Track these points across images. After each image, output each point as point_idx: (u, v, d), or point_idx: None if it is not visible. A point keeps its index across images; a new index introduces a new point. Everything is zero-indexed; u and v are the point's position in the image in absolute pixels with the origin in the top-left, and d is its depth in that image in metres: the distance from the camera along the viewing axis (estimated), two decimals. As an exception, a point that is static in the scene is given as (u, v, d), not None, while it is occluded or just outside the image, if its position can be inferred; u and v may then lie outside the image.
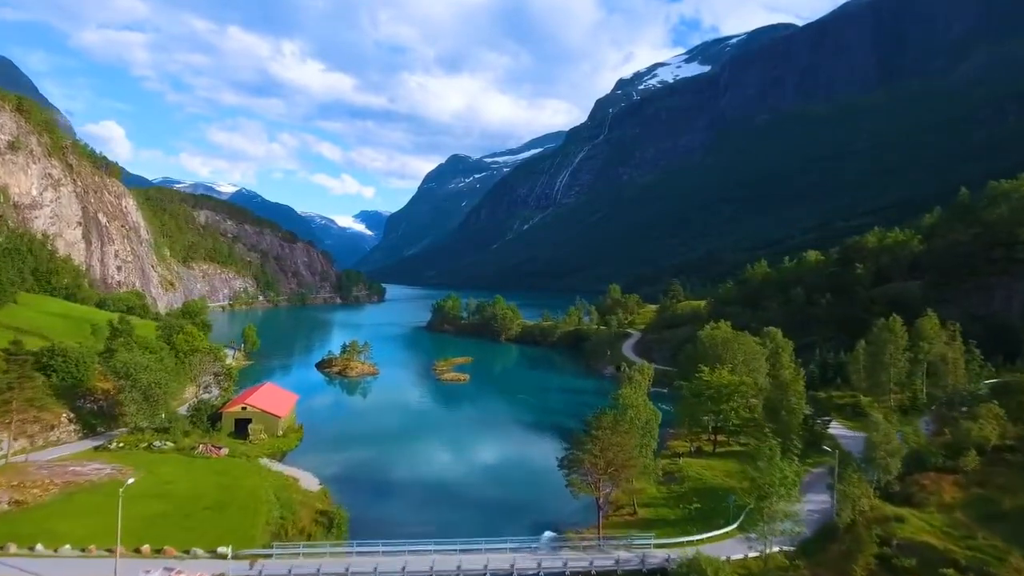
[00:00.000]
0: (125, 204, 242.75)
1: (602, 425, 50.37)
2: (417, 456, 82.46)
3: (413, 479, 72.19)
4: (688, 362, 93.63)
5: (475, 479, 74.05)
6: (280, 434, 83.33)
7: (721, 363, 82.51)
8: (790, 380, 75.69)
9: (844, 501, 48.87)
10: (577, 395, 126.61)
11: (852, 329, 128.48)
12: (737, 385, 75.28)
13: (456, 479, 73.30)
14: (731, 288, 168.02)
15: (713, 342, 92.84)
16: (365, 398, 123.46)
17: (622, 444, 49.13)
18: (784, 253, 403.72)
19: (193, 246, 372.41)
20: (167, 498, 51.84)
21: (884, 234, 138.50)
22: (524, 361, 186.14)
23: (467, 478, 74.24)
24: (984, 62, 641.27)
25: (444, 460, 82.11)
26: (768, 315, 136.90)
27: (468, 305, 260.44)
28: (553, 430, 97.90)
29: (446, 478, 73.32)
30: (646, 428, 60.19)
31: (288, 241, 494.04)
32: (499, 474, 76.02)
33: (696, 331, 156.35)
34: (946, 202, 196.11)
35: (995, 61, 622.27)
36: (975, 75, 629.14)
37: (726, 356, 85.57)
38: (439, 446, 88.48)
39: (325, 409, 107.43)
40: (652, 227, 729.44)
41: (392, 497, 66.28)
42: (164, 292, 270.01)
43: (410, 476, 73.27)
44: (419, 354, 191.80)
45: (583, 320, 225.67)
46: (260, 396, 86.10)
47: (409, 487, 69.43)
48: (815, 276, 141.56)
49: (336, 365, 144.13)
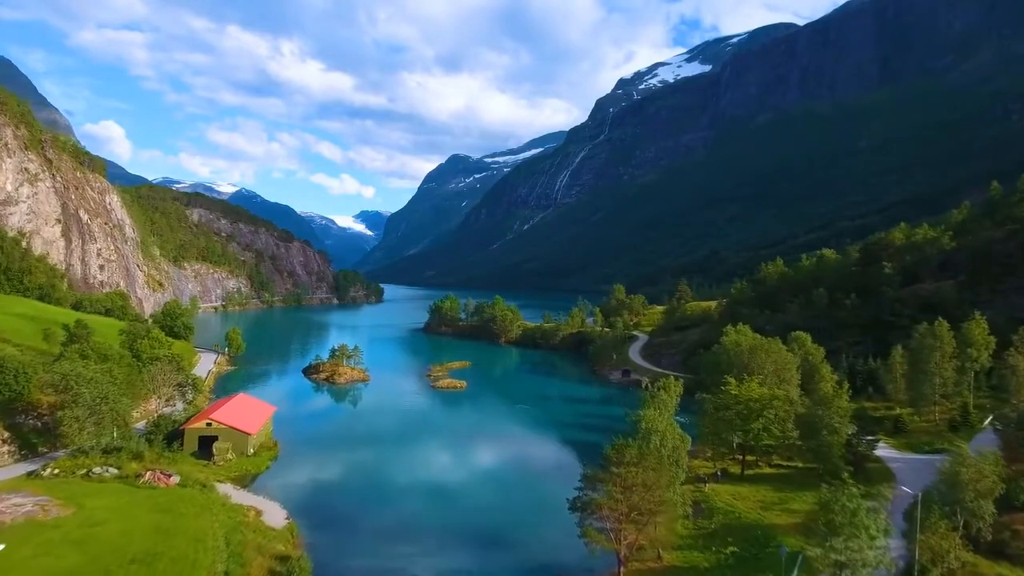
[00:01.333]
0: (109, 201, 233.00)
1: (625, 460, 40.57)
2: (404, 479, 72.69)
3: (398, 509, 62.44)
4: (710, 371, 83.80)
5: (470, 508, 64.27)
6: (251, 453, 73.73)
7: (749, 373, 72.77)
8: (831, 395, 66.02)
9: (922, 552, 39.33)
10: (583, 405, 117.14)
11: (879, 333, 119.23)
12: (769, 400, 65.56)
13: (448, 507, 63.61)
14: (744, 288, 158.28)
15: (738, 350, 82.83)
16: (352, 409, 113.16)
17: (650, 483, 39.38)
18: (789, 252, 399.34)
19: (185, 245, 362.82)
20: (87, 546, 42.13)
21: (911, 231, 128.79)
22: (525, 365, 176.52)
23: (461, 506, 64.50)
24: (989, 60, 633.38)
25: (434, 484, 72.38)
26: (787, 318, 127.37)
27: (467, 306, 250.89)
28: (560, 449, 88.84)
29: (436, 507, 63.62)
30: (673, 457, 50.38)
31: (284, 240, 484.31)
32: (499, 504, 66.15)
33: (709, 334, 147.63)
34: (954, 201, 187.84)
35: (1000, 60, 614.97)
36: (979, 74, 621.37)
37: (753, 365, 75.74)
38: (429, 467, 78.64)
39: (306, 421, 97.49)
40: (653, 227, 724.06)
41: (372, 533, 56.54)
42: (152, 292, 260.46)
43: (395, 506, 63.50)
44: (414, 358, 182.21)
45: (586, 322, 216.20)
46: (228, 410, 76.44)
47: (393, 520, 59.65)
48: (837, 276, 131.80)
49: (323, 371, 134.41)
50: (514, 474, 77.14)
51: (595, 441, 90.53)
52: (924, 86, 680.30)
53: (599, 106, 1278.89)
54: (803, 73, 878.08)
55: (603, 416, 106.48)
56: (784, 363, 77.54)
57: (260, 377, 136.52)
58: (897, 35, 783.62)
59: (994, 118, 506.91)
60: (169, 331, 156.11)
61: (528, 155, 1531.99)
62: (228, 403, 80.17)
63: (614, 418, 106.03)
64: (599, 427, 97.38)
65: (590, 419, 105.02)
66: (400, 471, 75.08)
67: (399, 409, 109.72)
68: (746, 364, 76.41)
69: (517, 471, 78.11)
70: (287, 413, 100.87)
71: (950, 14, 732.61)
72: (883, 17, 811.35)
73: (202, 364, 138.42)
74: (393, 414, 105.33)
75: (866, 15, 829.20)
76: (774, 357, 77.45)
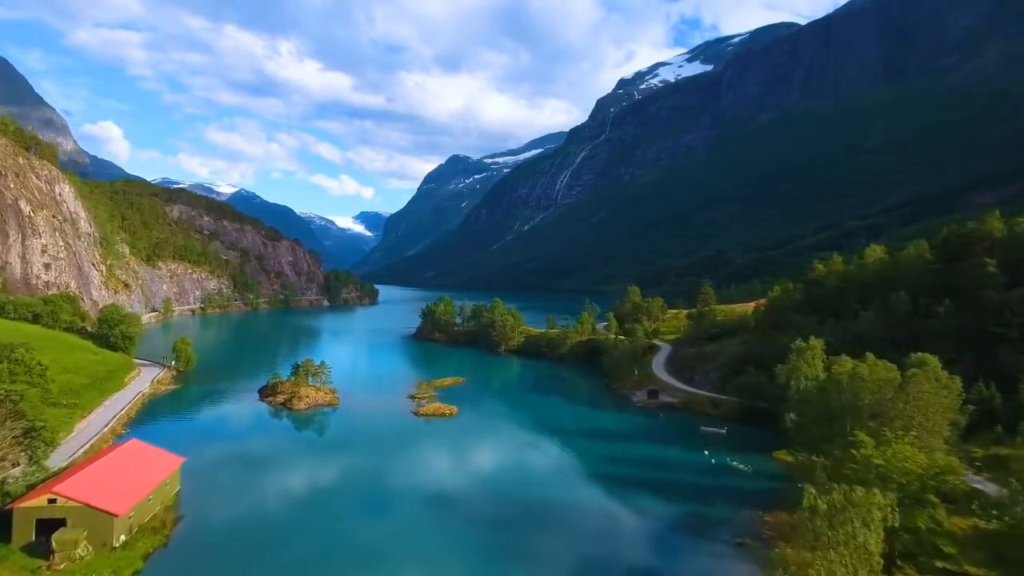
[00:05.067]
0: (59, 191, 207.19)
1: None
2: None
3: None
4: (812, 419, 56.53)
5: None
6: (118, 543, 48.15)
7: (884, 422, 47.11)
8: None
9: None
10: (610, 442, 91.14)
11: (983, 347, 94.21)
12: (943, 471, 40.02)
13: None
14: (793, 291, 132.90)
15: (863, 385, 53.84)
16: (306, 450, 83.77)
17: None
18: (798, 253, 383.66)
19: (160, 243, 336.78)
20: None
21: (1012, 219, 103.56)
22: (528, 381, 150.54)
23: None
24: (995, 59, 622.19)
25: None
26: (860, 327, 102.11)
27: (462, 310, 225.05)
28: (593, 528, 59.14)
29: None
30: None
31: (271, 239, 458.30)
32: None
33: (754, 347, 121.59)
34: (965, 200, 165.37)
35: (1006, 58, 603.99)
36: (985, 73, 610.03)
37: (892, 410, 49.69)
38: (403, 563, 52.21)
39: (237, 472, 70.96)
40: (654, 227, 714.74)
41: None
42: (114, 294, 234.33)
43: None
44: (399, 372, 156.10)
45: (597, 328, 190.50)
46: (90, 475, 50.68)
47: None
48: (917, 275, 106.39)
49: (282, 392, 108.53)
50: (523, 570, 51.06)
51: (641, 505, 65.06)
52: (928, 85, 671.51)
53: (600, 106, 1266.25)
54: (805, 73, 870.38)
55: (643, 461, 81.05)
56: (932, 408, 50.99)
57: (204, 400, 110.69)
58: (901, 34, 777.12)
59: (1002, 117, 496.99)
60: (104, 341, 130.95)
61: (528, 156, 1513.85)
62: (99, 461, 54.39)
63: (659, 464, 79.83)
64: (645, 482, 71.82)
65: (627, 466, 79.40)
66: (351, 568, 49.33)
67: (367, 450, 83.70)
68: (883, 408, 50.49)
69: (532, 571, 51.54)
70: (216, 457, 75.30)
71: (955, 13, 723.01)
72: (887, 16, 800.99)
73: (134, 385, 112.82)
74: (358, 459, 79.31)
75: (870, 14, 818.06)
76: (920, 400, 50.82)
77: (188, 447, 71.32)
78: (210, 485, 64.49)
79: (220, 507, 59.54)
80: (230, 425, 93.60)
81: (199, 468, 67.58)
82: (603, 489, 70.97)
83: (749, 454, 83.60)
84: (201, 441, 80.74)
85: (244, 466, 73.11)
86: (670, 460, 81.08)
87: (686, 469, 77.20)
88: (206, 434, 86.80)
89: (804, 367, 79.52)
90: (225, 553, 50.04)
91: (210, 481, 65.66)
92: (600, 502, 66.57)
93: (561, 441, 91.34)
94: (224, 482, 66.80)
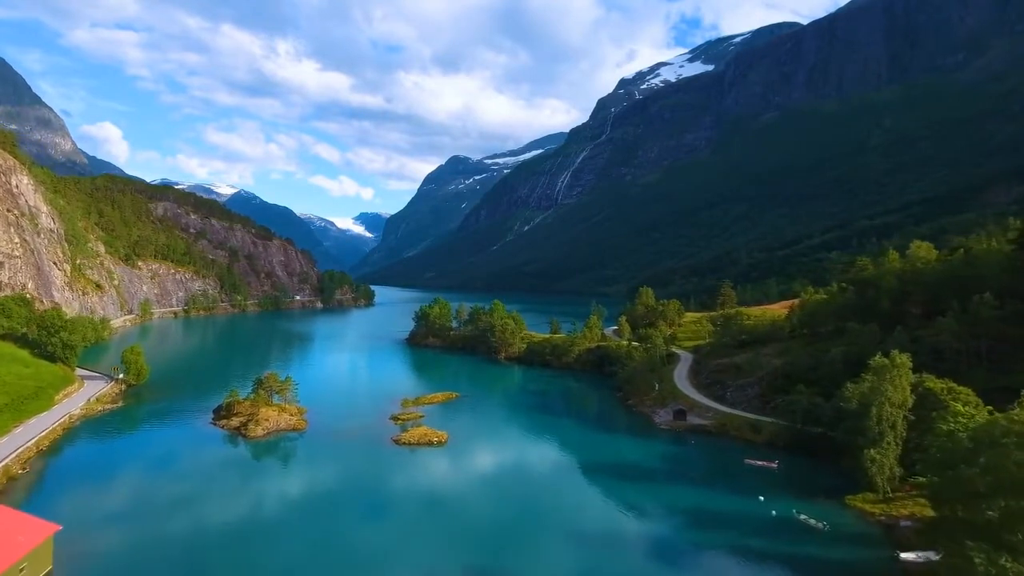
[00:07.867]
0: (16, 183, 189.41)
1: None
2: None
3: None
4: (972, 491, 37.68)
5: None
6: None
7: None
8: None
9: None
10: (634, 481, 72.97)
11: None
12: None
13: None
14: (836, 294, 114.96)
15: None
16: (243, 500, 63.23)
17: None
18: (807, 252, 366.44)
19: (141, 241, 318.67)
20: None
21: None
22: (531, 396, 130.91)
23: None
24: (1001, 57, 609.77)
25: None
26: (937, 337, 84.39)
27: (459, 313, 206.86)
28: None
29: None
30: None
31: (261, 238, 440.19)
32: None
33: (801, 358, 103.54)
34: (978, 199, 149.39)
35: (1012, 56, 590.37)
36: (992, 71, 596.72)
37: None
38: None
39: (144, 537, 52.10)
40: (656, 227, 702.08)
41: None
42: (80, 296, 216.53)
43: None
44: (386, 383, 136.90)
45: (605, 333, 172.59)
46: None
47: None
48: (1001, 275, 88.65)
49: (238, 414, 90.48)
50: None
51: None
52: (935, 84, 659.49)
53: (601, 106, 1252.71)
54: (809, 71, 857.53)
55: (682, 513, 63.15)
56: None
57: (145, 423, 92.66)
58: (907, 32, 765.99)
59: (1012, 115, 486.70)
60: (42, 351, 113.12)
61: (528, 156, 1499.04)
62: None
63: (703, 517, 59.95)
64: (687, 551, 53.74)
65: (662, 522, 61.52)
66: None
67: (329, 499, 65.52)
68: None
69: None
70: (120, 513, 57.19)
71: (961, 10, 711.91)
72: (892, 13, 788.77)
73: (63, 405, 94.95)
74: (311, 516, 60.22)
75: (875, 12, 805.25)
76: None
77: (88, 499, 54.02)
78: (97, 564, 46.50)
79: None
80: (162, 461, 75.09)
81: (89, 533, 49.79)
82: (639, 555, 53.07)
83: (813, 499, 65.98)
84: (110, 488, 62.96)
85: (153, 530, 53.86)
86: (717, 511, 63.12)
87: (740, 526, 59.32)
88: (124, 476, 68.64)
89: (890, 391, 61.75)
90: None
91: (98, 557, 47.63)
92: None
93: (571, 480, 73.45)
94: (118, 557, 48.45)
